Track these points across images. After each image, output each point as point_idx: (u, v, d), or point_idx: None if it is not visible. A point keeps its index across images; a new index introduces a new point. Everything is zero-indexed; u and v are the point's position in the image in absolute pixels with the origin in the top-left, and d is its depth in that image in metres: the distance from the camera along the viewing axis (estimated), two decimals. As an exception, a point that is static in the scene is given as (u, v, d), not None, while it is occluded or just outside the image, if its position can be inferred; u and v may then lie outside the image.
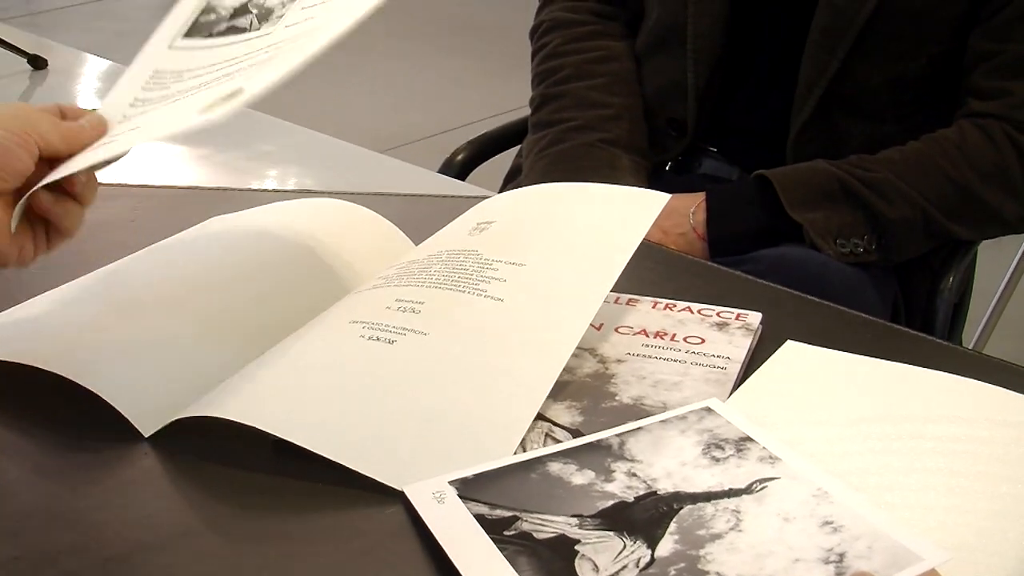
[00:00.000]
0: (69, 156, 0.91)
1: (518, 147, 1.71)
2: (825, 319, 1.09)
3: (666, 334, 1.01)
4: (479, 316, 0.93)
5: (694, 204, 1.49)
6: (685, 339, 1.00)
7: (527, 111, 1.68)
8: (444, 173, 1.69)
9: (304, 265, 1.06)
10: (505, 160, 1.76)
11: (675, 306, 1.05)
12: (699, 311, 1.04)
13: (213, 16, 0.99)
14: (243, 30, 0.98)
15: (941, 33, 1.47)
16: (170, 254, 1.08)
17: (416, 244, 1.08)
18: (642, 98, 1.63)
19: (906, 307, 1.52)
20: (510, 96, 3.53)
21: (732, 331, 1.01)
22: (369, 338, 0.91)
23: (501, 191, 1.66)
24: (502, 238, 1.02)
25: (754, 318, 1.03)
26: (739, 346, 0.99)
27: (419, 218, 1.15)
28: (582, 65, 1.62)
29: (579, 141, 1.58)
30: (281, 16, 0.98)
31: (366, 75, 4.28)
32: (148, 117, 0.94)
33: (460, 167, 1.75)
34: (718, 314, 1.04)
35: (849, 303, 1.11)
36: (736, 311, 1.04)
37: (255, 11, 0.99)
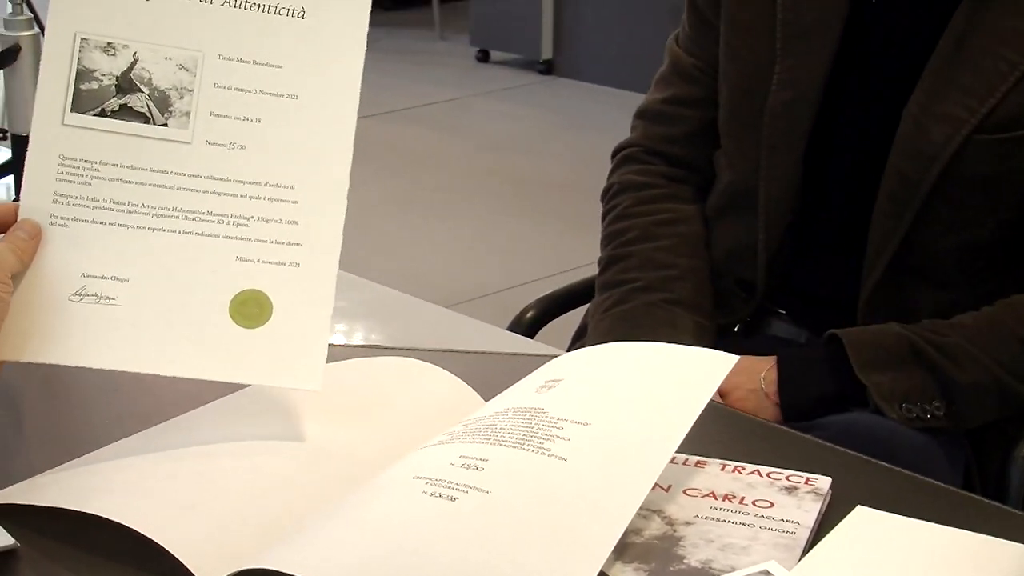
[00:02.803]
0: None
1: (586, 305, 1.72)
2: (896, 485, 1.07)
3: (735, 497, 1.00)
4: (542, 475, 0.92)
5: (764, 368, 1.48)
6: (754, 502, 0.99)
7: (595, 269, 1.69)
8: (513, 330, 1.69)
9: (375, 421, 1.07)
10: (574, 318, 1.76)
11: (744, 469, 1.04)
12: (768, 474, 1.03)
13: (95, 85, 1.01)
14: (142, 115, 1.01)
15: (1011, 198, 1.47)
16: (240, 406, 1.09)
17: (486, 402, 1.09)
18: (711, 260, 1.63)
19: (979, 474, 1.49)
20: (577, 253, 3.56)
21: (801, 495, 1.00)
22: (431, 494, 0.91)
23: (569, 350, 1.66)
24: (568, 396, 1.02)
25: (823, 483, 1.02)
26: (808, 511, 0.98)
27: (489, 376, 1.15)
28: (649, 227, 1.63)
29: (642, 301, 1.58)
30: (187, 113, 1.00)
31: (436, 231, 4.33)
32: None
33: (529, 324, 1.75)
34: (787, 478, 1.03)
35: (918, 470, 1.09)
36: (805, 475, 1.03)
37: (145, 89, 1.01)
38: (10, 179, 2.49)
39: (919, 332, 1.44)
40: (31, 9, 1.65)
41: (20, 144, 1.65)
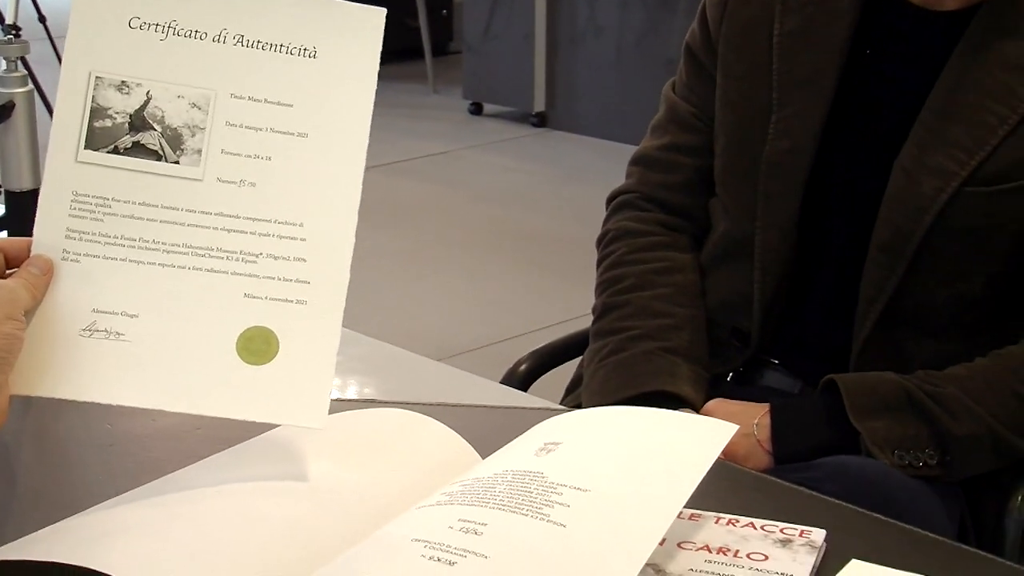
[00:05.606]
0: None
1: (580, 358, 1.72)
2: (891, 537, 1.07)
3: (729, 550, 1.00)
4: (541, 541, 0.92)
5: (758, 414, 1.48)
6: (748, 555, 0.99)
7: (588, 321, 1.69)
8: (507, 383, 1.69)
9: (370, 473, 1.07)
10: (568, 370, 1.76)
11: (738, 521, 1.04)
12: (762, 527, 1.03)
13: (109, 123, 1.02)
14: (154, 152, 1.02)
15: (1001, 250, 1.48)
16: (235, 463, 1.09)
17: (482, 456, 1.09)
18: (705, 309, 1.63)
19: (975, 525, 1.49)
20: (571, 305, 3.57)
21: (796, 548, 1.00)
22: (429, 558, 0.90)
23: (562, 402, 1.66)
24: (568, 462, 1.02)
25: (818, 535, 1.02)
26: (803, 563, 0.97)
27: (484, 429, 1.15)
28: (646, 275, 1.63)
29: (640, 350, 1.58)
30: (198, 151, 1.01)
31: (428, 284, 4.34)
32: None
33: (523, 377, 1.75)
34: (781, 530, 1.03)
35: (912, 516, 1.09)
36: (800, 527, 1.03)
37: (157, 127, 1.02)
38: (3, 235, 2.51)
39: (915, 382, 1.44)
40: (26, 66, 1.66)
41: (14, 200, 1.66)
